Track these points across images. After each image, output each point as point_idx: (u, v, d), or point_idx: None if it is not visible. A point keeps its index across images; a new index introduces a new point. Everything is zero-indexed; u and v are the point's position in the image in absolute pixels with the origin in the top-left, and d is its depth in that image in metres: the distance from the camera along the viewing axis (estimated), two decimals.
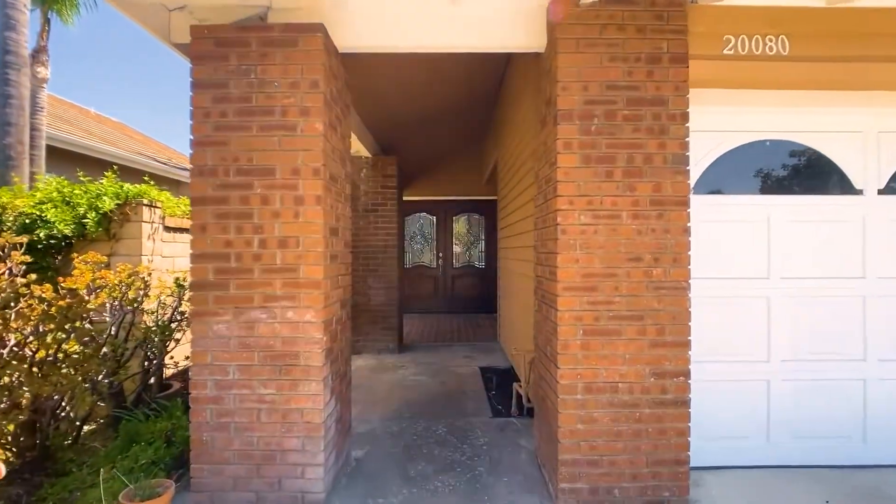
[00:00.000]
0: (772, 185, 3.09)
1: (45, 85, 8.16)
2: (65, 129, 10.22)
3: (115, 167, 5.14)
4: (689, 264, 2.54)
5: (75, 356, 3.18)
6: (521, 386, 3.83)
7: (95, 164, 8.59)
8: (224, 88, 2.54)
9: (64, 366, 3.03)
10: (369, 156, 6.19)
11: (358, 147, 6.02)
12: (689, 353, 2.55)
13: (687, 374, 2.54)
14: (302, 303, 2.52)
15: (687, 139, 2.54)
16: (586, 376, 2.52)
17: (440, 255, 9.81)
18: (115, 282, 3.72)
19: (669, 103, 2.54)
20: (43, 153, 8.09)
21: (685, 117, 2.54)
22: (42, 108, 8.02)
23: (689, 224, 2.54)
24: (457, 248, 9.90)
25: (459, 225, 9.95)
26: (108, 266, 4.23)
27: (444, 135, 7.52)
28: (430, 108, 6.00)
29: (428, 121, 6.53)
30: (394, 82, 4.95)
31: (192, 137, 2.54)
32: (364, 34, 2.80)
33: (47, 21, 8.24)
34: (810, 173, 3.06)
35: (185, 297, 4.18)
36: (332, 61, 2.72)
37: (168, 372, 4.54)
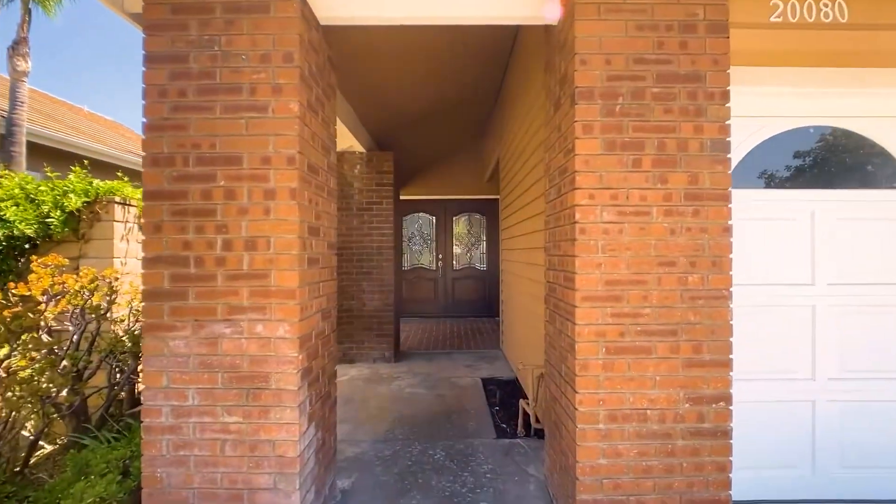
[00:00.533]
0: (816, 177, 2.70)
1: (25, 78, 7.81)
2: (51, 125, 9.85)
3: (87, 162, 4.76)
4: (731, 269, 2.16)
5: (25, 373, 2.81)
6: (528, 404, 3.45)
7: (86, 164, 8.20)
8: (183, 62, 2.16)
9: (6, 385, 2.65)
10: (363, 151, 5.81)
11: (352, 142, 5.65)
12: (731, 374, 2.16)
13: (728, 399, 2.15)
14: (273, 315, 2.14)
15: (728, 122, 2.16)
16: (610, 402, 2.13)
17: (440, 256, 9.43)
18: (76, 287, 3.34)
19: (707, 80, 2.15)
20: (23, 149, 7.73)
21: (725, 96, 2.16)
22: (22, 102, 7.66)
23: (730, 222, 2.16)
24: (457, 250, 9.51)
25: (460, 225, 9.56)
26: (76, 269, 3.86)
27: (443, 130, 7.15)
28: (428, 100, 5.63)
29: (426, 114, 6.15)
30: (389, 70, 4.58)
31: (144, 120, 2.16)
32: (349, 2, 2.41)
33: (28, 12, 7.89)
34: (862, 165, 2.68)
35: None
36: (311, 33, 2.34)
37: (141, 386, 4.16)
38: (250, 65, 2.15)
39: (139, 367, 3.73)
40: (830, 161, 2.69)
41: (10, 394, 2.68)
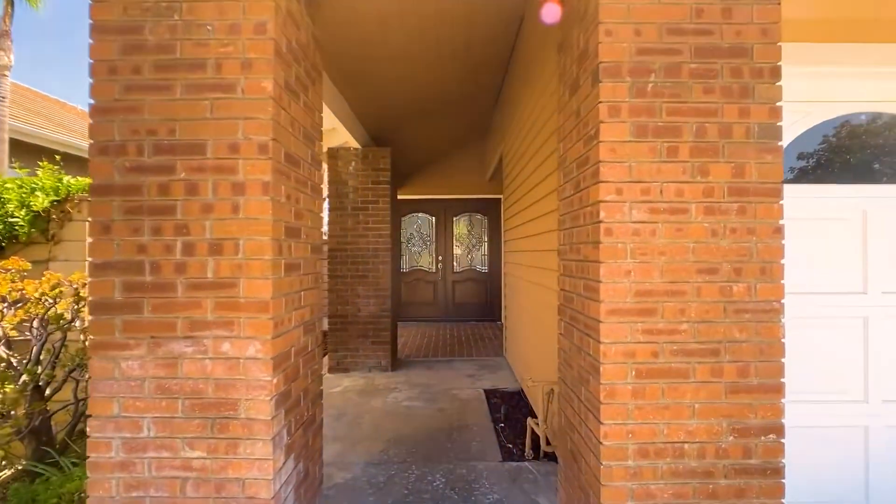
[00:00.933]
0: (869, 172, 2.38)
1: (7, 72, 7.49)
2: (37, 122, 9.57)
3: (59, 157, 4.44)
4: (783, 278, 1.83)
5: None
6: (537, 423, 3.12)
7: (77, 161, 7.89)
8: (137, 34, 1.83)
9: None
10: (359, 147, 5.48)
11: (346, 138, 5.33)
12: (783, 401, 1.83)
13: (779, 431, 1.83)
14: (242, 332, 1.81)
15: (778, 104, 1.83)
16: (640, 435, 1.80)
17: (439, 258, 9.09)
18: (36, 294, 3.02)
19: (754, 54, 1.83)
20: (6, 146, 7.41)
21: (775, 73, 1.83)
22: (3, 97, 7.34)
23: (781, 222, 1.83)
24: (457, 251, 9.18)
25: (460, 226, 9.23)
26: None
27: (443, 126, 6.83)
28: (427, 93, 5.31)
29: (425, 108, 5.83)
30: (384, 59, 4.25)
31: (92, 102, 1.84)
32: None
33: (10, 4, 7.57)
34: None
35: None
36: (290, 3, 2.02)
37: None
38: (216, 37, 1.83)
39: None
40: (886, 153, 2.37)
41: None
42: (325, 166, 6.19)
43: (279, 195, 1.89)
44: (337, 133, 6.01)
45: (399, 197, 7.96)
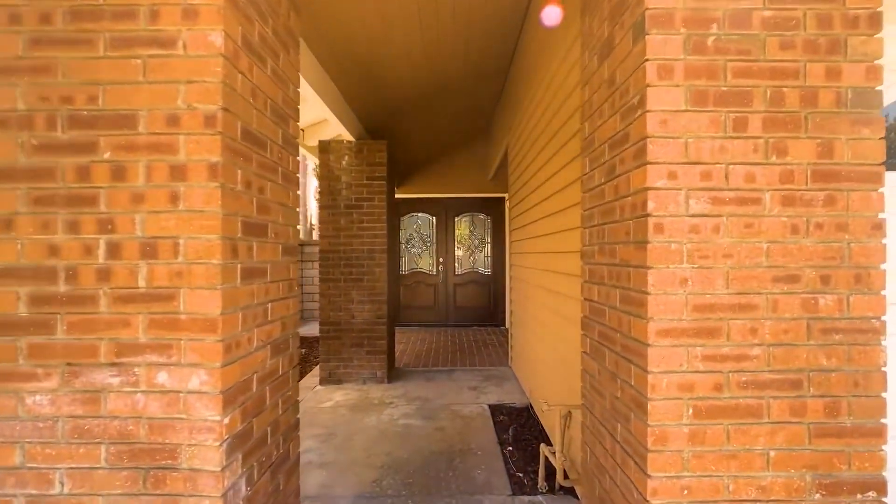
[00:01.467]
0: None
1: None
2: None
3: None
4: (884, 287, 1.42)
5: None
6: (552, 452, 2.70)
7: None
8: None
9: None
10: (352, 140, 5.07)
11: (339, 130, 4.93)
12: (884, 447, 1.42)
13: (881, 487, 1.41)
14: (184, 358, 1.40)
15: (878, 61, 1.42)
16: (699, 491, 1.39)
17: (440, 260, 8.68)
18: None
19: None
20: None
21: (875, 22, 1.42)
22: None
23: (882, 215, 1.42)
24: (459, 253, 8.76)
25: (462, 226, 8.81)
26: None
27: (443, 119, 6.43)
28: (427, 80, 4.91)
29: (424, 99, 5.44)
30: (378, 40, 3.85)
31: None
32: None
33: None
34: None
35: None
36: None
37: None
38: None
39: None
40: None
41: None
42: (316, 161, 5.79)
43: (233, 182, 1.48)
44: (329, 125, 5.61)
45: (398, 196, 7.56)
